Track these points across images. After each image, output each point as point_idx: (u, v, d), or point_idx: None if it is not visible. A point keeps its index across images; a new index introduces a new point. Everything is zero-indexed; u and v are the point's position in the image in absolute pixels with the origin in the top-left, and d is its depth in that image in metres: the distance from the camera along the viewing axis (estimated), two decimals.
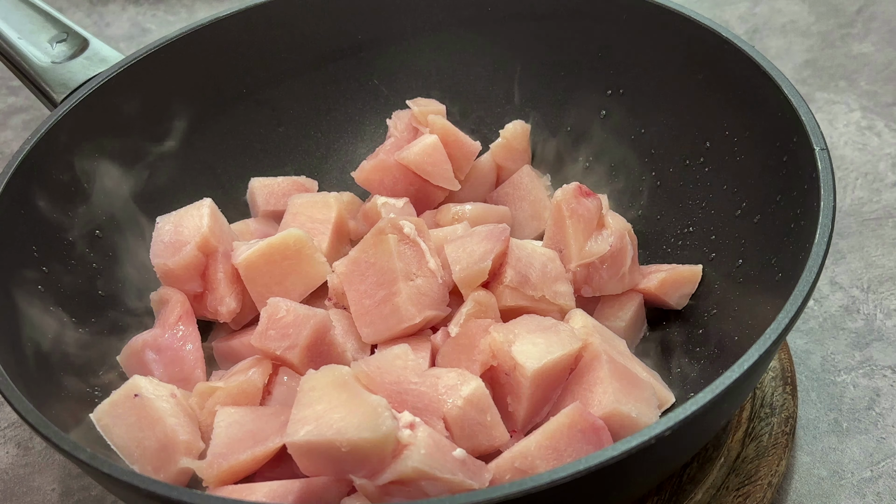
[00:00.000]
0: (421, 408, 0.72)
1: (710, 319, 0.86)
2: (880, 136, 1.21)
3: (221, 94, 1.05)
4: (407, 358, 0.74)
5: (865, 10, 1.41)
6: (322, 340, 0.80)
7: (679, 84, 0.95)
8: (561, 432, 0.70)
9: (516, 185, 1.02)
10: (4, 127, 1.40)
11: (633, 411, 0.73)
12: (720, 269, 0.88)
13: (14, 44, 1.01)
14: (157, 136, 1.01)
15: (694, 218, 0.94)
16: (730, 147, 0.89)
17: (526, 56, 1.06)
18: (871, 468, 0.87)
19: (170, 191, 1.00)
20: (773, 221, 0.81)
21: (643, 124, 1.00)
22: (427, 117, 1.00)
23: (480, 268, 0.81)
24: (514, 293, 0.82)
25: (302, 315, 0.79)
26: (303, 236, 0.89)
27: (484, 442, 0.75)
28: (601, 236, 0.86)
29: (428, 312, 0.82)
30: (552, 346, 0.76)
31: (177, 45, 1.01)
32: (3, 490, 0.91)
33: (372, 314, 0.84)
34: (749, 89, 0.85)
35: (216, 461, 0.73)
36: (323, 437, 0.66)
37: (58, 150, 0.91)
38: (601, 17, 0.99)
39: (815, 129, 0.76)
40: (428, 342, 0.83)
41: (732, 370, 0.60)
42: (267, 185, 1.04)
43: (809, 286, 0.64)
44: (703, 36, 0.90)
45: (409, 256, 0.84)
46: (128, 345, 0.87)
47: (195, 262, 0.87)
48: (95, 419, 0.78)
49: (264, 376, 0.80)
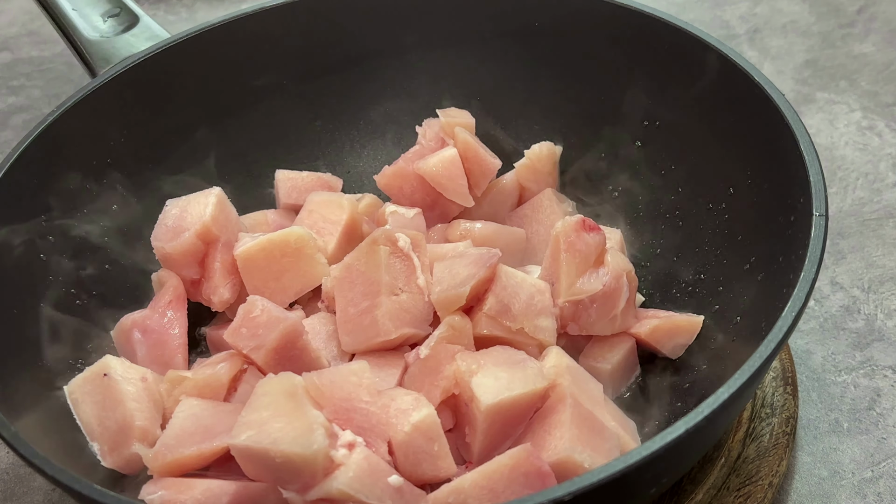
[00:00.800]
0: (367, 428, 0.72)
1: (698, 374, 0.83)
2: (881, 137, 1.20)
3: (260, 82, 1.06)
4: (362, 375, 0.73)
5: (866, 10, 1.39)
6: (292, 345, 0.80)
7: (712, 124, 0.91)
8: (501, 473, 0.68)
9: (535, 208, 0.99)
10: (4, 127, 1.43)
11: (587, 461, 0.71)
12: (721, 323, 0.84)
13: (68, 15, 1.04)
14: (190, 119, 1.02)
15: (707, 265, 0.90)
16: (750, 197, 0.85)
17: (567, 75, 1.03)
18: (872, 468, 0.86)
19: (197, 174, 1.02)
20: (773, 283, 0.77)
21: (674, 160, 0.96)
22: (454, 129, 0.99)
23: (458, 292, 0.79)
24: (491, 322, 0.81)
25: (274, 317, 0.79)
26: (305, 235, 0.89)
27: (428, 471, 0.73)
28: (596, 274, 0.83)
29: (405, 330, 0.81)
30: (514, 383, 0.74)
31: (219, 30, 1.02)
32: (3, 490, 0.93)
33: (353, 323, 0.83)
34: (772, 139, 0.81)
35: (162, 451, 0.73)
36: (260, 445, 0.66)
37: (83, 122, 0.93)
38: (643, 43, 0.96)
39: (820, 193, 0.72)
40: (402, 359, 0.82)
41: (653, 441, 0.57)
42: (291, 178, 1.04)
43: (759, 365, 0.60)
44: (737, 76, 0.86)
45: (398, 270, 0.83)
46: (120, 322, 0.89)
47: (192, 249, 0.88)
48: (68, 391, 0.80)
49: (231, 372, 0.80)
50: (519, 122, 1.09)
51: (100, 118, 0.94)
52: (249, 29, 1.04)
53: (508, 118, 1.09)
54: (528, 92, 1.07)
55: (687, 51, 0.92)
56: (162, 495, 0.71)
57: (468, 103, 1.08)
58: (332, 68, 1.08)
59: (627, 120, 1.00)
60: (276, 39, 1.05)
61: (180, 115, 1.01)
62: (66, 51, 1.53)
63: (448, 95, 1.09)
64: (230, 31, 1.03)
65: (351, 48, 1.08)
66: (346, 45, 1.08)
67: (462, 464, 0.77)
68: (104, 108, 0.95)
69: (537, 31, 1.03)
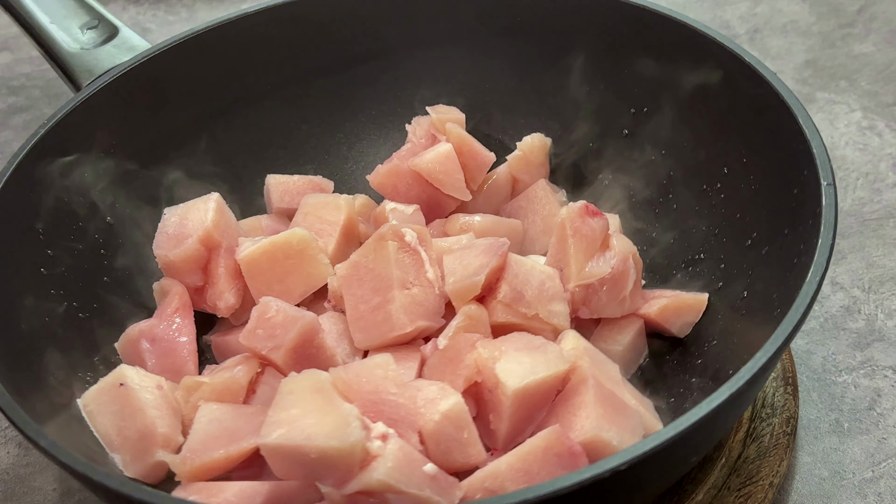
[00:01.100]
0: (397, 419, 0.72)
1: (709, 350, 0.84)
2: (881, 137, 1.21)
3: (246, 88, 1.06)
4: (388, 368, 0.74)
5: (866, 10, 1.41)
6: (310, 343, 0.80)
7: (701, 107, 0.93)
8: (535, 455, 0.69)
9: (530, 199, 1.00)
10: (4, 127, 1.41)
11: (615, 439, 0.72)
12: (726, 299, 0.86)
13: (45, 28, 1.03)
14: (178, 126, 1.02)
15: (706, 245, 0.91)
16: (746, 175, 0.87)
17: (553, 69, 1.05)
18: (873, 468, 0.86)
19: (187, 182, 1.01)
20: (780, 255, 0.79)
21: (665, 145, 0.98)
22: (445, 125, 0.99)
23: (473, 281, 0.80)
24: (507, 309, 0.81)
25: (290, 317, 0.79)
26: (307, 236, 0.89)
27: (459, 459, 0.73)
28: (603, 258, 0.84)
29: (420, 323, 0.81)
30: (537, 367, 0.75)
31: (203, 37, 1.02)
32: (3, 490, 0.92)
33: (365, 319, 0.83)
34: (767, 117, 0.83)
35: (190, 457, 0.73)
36: (293, 442, 0.66)
37: (74, 134, 0.92)
38: (628, 34, 0.97)
39: (826, 164, 0.74)
40: (418, 352, 0.82)
41: (700, 408, 0.58)
42: (282, 182, 1.04)
43: (788, 333, 0.62)
44: (726, 59, 0.88)
45: (408, 265, 0.83)
46: (125, 332, 0.88)
47: (196, 256, 0.88)
48: (82, 404, 0.79)
49: (249, 374, 0.80)
50: (504, 118, 1.10)
51: (91, 128, 0.93)
52: (233, 34, 1.03)
53: (493, 114, 1.10)
54: (512, 88, 1.08)
55: (673, 37, 0.94)
56: (194, 500, 0.70)
57: (453, 101, 1.08)
58: (317, 71, 1.08)
59: (614, 109, 1.02)
60: (261, 44, 1.05)
61: (168, 121, 1.01)
62: None
63: (433, 94, 1.09)
64: (214, 38, 1.02)
65: (335, 51, 1.08)
66: (330, 48, 1.08)
67: (487, 451, 0.77)
68: (95, 118, 0.94)
69: (520, 26, 1.04)
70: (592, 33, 1.00)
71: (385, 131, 1.12)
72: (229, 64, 1.04)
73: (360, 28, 1.07)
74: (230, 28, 1.03)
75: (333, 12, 1.06)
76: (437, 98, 1.09)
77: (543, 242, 0.98)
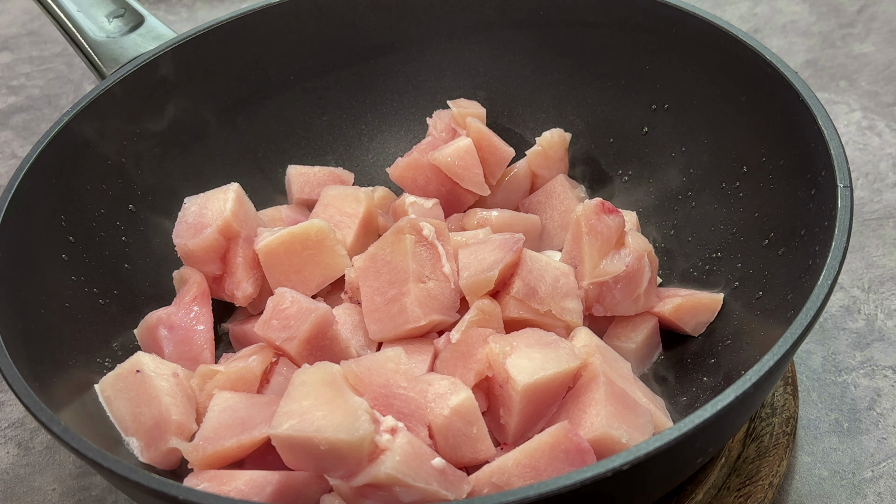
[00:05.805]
0: (407, 413, 0.72)
1: (723, 350, 0.84)
2: (881, 137, 1.21)
3: (269, 78, 1.07)
4: (399, 361, 0.74)
5: (866, 10, 1.40)
6: (324, 335, 0.80)
7: (722, 104, 0.92)
8: (542, 451, 0.69)
9: (549, 194, 1.00)
10: (4, 127, 1.42)
11: (624, 437, 0.72)
12: (741, 298, 0.86)
13: (73, 16, 1.04)
14: (201, 116, 1.03)
15: (723, 243, 0.91)
16: (765, 174, 0.87)
17: (574, 63, 1.05)
18: (873, 468, 0.87)
19: (208, 171, 1.02)
20: (796, 256, 0.78)
21: (684, 142, 0.97)
22: (465, 119, 0.99)
23: (487, 276, 0.80)
24: (520, 305, 0.81)
25: (305, 308, 0.80)
26: (325, 227, 0.90)
27: (468, 454, 0.74)
28: (618, 255, 0.84)
29: (434, 316, 0.82)
30: (548, 363, 0.75)
31: (227, 27, 1.03)
32: (3, 490, 0.93)
33: (381, 311, 0.84)
34: (787, 116, 0.83)
35: (202, 445, 0.74)
36: (303, 434, 0.66)
37: (98, 121, 0.93)
38: (651, 29, 0.97)
39: (843, 165, 0.73)
40: (431, 346, 0.83)
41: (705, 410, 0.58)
42: (303, 173, 1.05)
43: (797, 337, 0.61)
44: (748, 57, 0.87)
45: (425, 258, 0.84)
46: (144, 319, 0.89)
47: (215, 245, 0.89)
48: (99, 389, 0.80)
49: (263, 364, 0.81)
50: (525, 112, 1.10)
51: (114, 117, 0.94)
52: (256, 25, 1.04)
53: (514, 108, 1.10)
54: (533, 82, 1.08)
55: (694, 34, 0.93)
56: (205, 487, 0.71)
57: (474, 94, 1.09)
58: (338, 63, 1.09)
59: (635, 105, 1.01)
60: (283, 35, 1.06)
61: (190, 110, 1.02)
62: (66, 51, 1.53)
63: (454, 87, 1.10)
64: (237, 29, 1.03)
65: (356, 42, 1.08)
66: (351, 40, 1.08)
67: (497, 446, 0.78)
68: (118, 108, 0.95)
69: (543, 20, 1.04)
70: (615, 28, 1.00)
71: (406, 123, 1.12)
72: (252, 54, 1.05)
73: (383, 20, 1.07)
74: (253, 19, 1.04)
75: (355, 3, 1.06)
76: (459, 90, 1.09)
77: (561, 238, 0.98)
